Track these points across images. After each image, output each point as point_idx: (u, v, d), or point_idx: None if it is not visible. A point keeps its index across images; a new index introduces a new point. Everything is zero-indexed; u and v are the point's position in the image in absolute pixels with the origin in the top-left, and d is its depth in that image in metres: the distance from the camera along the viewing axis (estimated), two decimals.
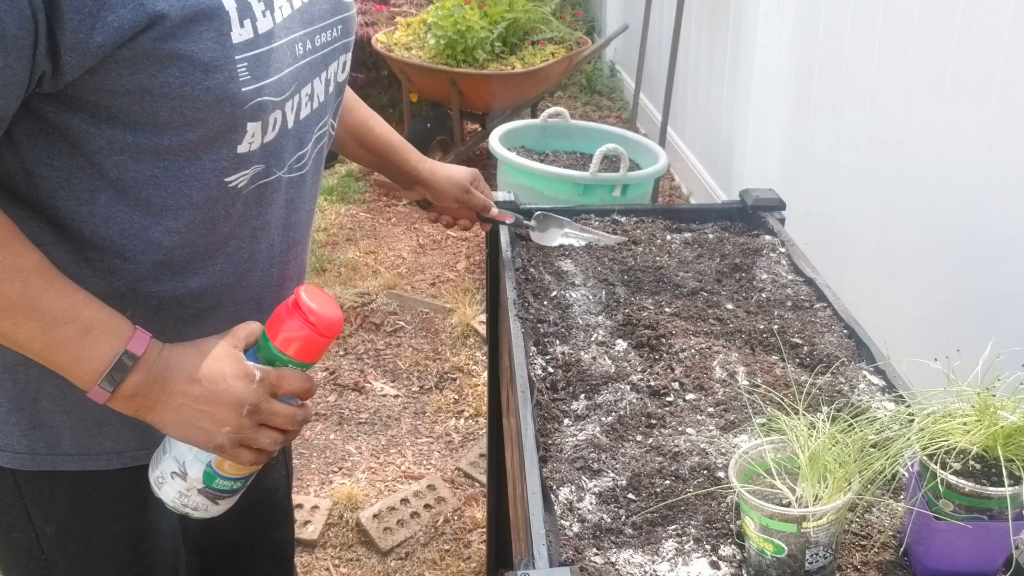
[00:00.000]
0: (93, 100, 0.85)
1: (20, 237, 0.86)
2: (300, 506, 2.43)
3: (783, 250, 1.58)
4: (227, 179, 0.95)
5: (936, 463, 0.84)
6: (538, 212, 1.63)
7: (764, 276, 1.50)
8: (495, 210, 1.55)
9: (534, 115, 4.32)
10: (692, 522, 0.97)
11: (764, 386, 1.19)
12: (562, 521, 0.97)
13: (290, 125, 0.99)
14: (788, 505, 0.86)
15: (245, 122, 0.91)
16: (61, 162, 0.88)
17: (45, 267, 0.87)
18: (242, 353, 0.94)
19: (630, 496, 1.01)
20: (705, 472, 1.05)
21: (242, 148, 0.93)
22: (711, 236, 1.64)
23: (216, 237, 0.99)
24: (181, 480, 0.97)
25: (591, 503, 1.00)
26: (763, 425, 0.95)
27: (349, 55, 1.12)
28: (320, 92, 1.04)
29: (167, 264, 0.97)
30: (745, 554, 0.92)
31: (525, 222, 1.60)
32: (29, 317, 0.85)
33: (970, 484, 0.82)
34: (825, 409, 0.98)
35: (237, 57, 0.86)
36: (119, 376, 0.88)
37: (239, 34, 0.86)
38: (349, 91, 1.37)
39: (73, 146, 0.88)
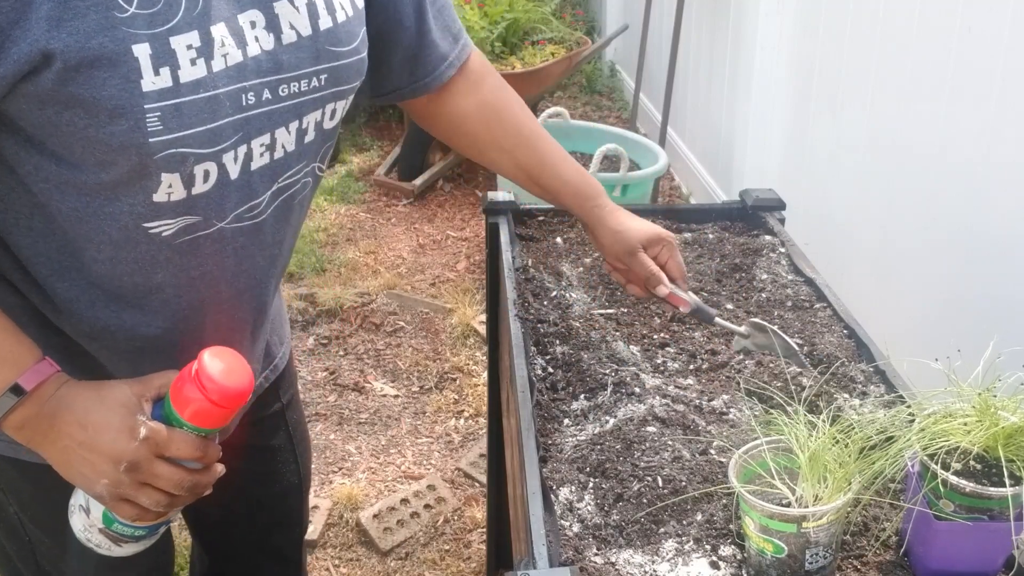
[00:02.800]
0: (20, 126, 0.84)
1: None
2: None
3: (783, 250, 1.58)
4: (146, 225, 0.91)
5: (937, 463, 0.84)
6: (754, 320, 1.29)
7: (764, 276, 1.50)
8: (664, 289, 1.25)
9: (534, 115, 4.32)
10: (692, 522, 0.97)
11: (764, 386, 1.19)
12: (562, 521, 0.97)
13: (234, 176, 0.94)
14: (788, 505, 0.86)
15: (158, 172, 0.87)
16: (0, 178, 0.88)
17: None
18: (147, 404, 0.91)
19: (630, 496, 1.01)
20: (705, 472, 1.05)
21: (159, 197, 0.89)
22: (711, 236, 1.64)
23: (147, 280, 0.96)
24: (85, 516, 0.96)
25: (591, 503, 1.00)
26: (763, 425, 0.95)
27: (343, 103, 1.04)
28: (287, 142, 0.98)
29: (100, 289, 0.96)
30: (745, 554, 0.92)
31: (718, 318, 1.27)
32: None
33: (971, 484, 0.82)
34: (825, 409, 0.98)
35: (147, 106, 0.83)
36: (4, 408, 0.87)
37: (152, 82, 0.82)
38: (520, 122, 1.29)
39: (7, 165, 0.88)
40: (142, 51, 0.81)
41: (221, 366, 0.90)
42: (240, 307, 1.07)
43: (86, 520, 0.96)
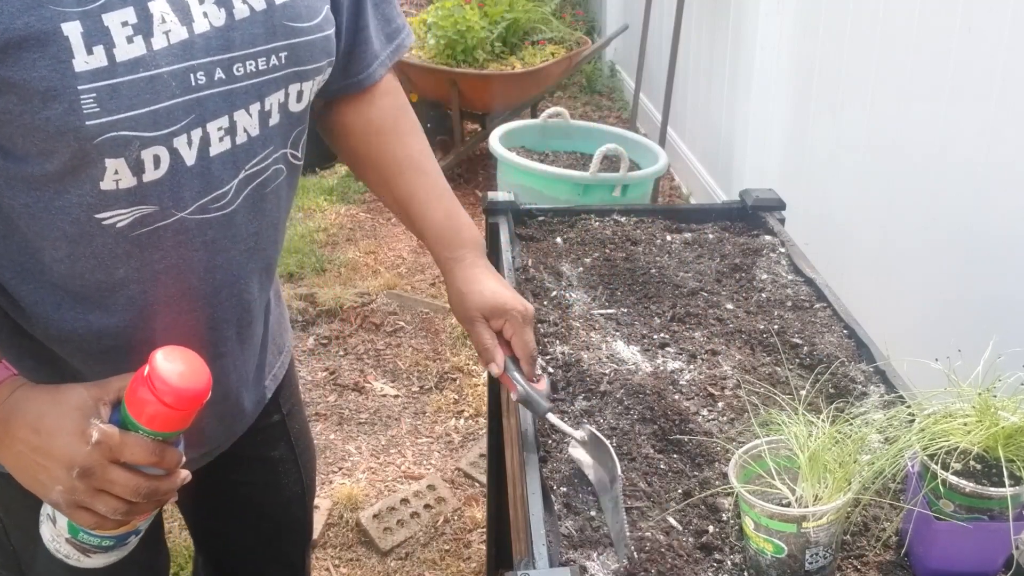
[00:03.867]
0: None
1: None
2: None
3: (783, 250, 1.58)
4: (98, 216, 0.88)
5: (937, 463, 0.84)
6: (594, 433, 1.05)
7: (764, 276, 1.50)
8: (496, 368, 1.09)
9: (534, 115, 4.32)
10: (692, 522, 0.97)
11: (764, 386, 1.19)
12: (562, 521, 0.97)
13: (190, 163, 0.89)
14: (788, 505, 0.86)
15: (100, 157, 0.83)
16: None
17: None
18: (105, 408, 0.87)
19: (631, 496, 1.00)
20: (705, 472, 1.05)
21: (106, 185, 0.85)
22: (711, 236, 1.64)
23: (108, 277, 0.93)
24: (52, 525, 0.93)
25: (591, 503, 1.00)
26: (763, 425, 0.95)
27: (308, 84, 0.99)
28: (250, 125, 0.93)
29: (64, 291, 0.93)
30: (745, 554, 0.92)
31: (550, 415, 1.08)
32: None
33: (971, 484, 0.82)
34: (825, 409, 0.98)
35: (80, 87, 0.79)
36: None
37: (84, 62, 0.78)
38: (418, 157, 1.17)
39: None
40: (72, 29, 0.78)
41: (174, 367, 0.85)
42: (219, 305, 1.02)
43: (53, 530, 0.93)
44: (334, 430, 2.78)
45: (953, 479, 0.83)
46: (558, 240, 1.63)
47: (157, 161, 0.87)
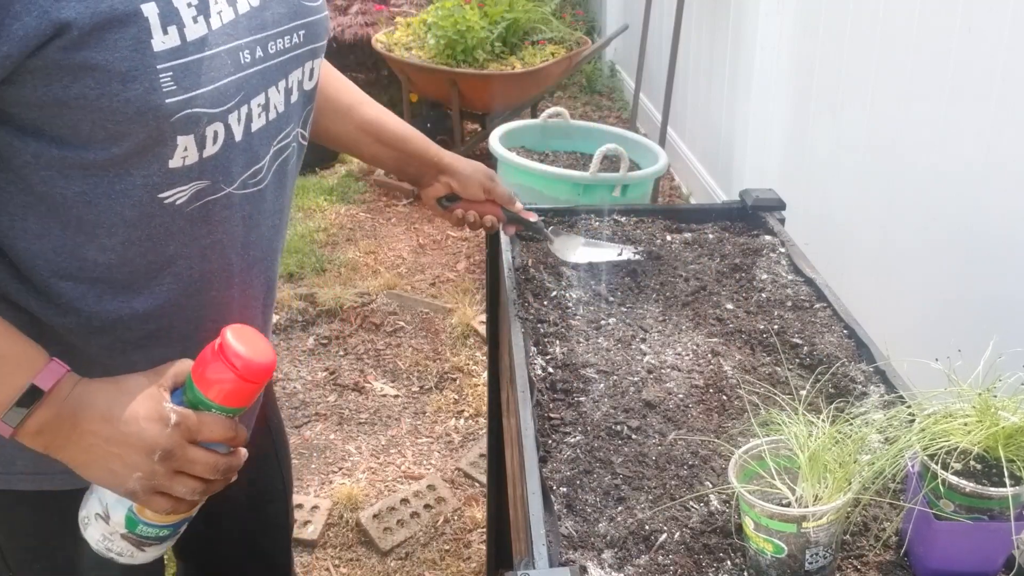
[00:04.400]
0: (15, 112, 0.81)
1: None
2: (300, 506, 2.43)
3: (783, 250, 1.58)
4: (161, 195, 0.89)
5: (937, 463, 0.84)
6: (553, 227, 1.54)
7: (764, 276, 1.50)
8: (520, 204, 1.45)
9: (534, 115, 4.32)
10: (692, 522, 0.97)
11: (764, 386, 1.19)
12: (562, 521, 0.97)
13: (238, 138, 0.93)
14: (788, 505, 0.86)
15: (174, 135, 0.85)
16: None
17: None
18: (166, 393, 0.88)
19: (630, 496, 1.01)
20: (705, 472, 1.05)
21: (174, 163, 0.88)
22: (711, 236, 1.64)
23: (159, 256, 0.94)
24: (104, 523, 0.92)
25: (591, 503, 1.00)
26: (763, 425, 0.95)
27: (317, 62, 1.06)
28: (278, 102, 0.98)
29: (107, 282, 0.93)
30: (745, 554, 0.92)
31: (545, 229, 1.50)
32: None
33: (971, 484, 0.82)
34: (825, 409, 0.98)
35: (159, 66, 0.81)
36: (23, 411, 0.83)
37: (162, 42, 0.81)
38: (355, 89, 1.33)
39: (0, 161, 0.84)
40: (150, 10, 0.80)
41: (245, 341, 0.89)
42: (251, 281, 1.05)
43: (105, 528, 0.92)
44: (334, 430, 2.78)
45: (953, 479, 0.83)
46: None
47: (216, 137, 0.90)
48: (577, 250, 1.53)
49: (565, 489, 1.01)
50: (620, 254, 1.53)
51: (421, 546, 2.34)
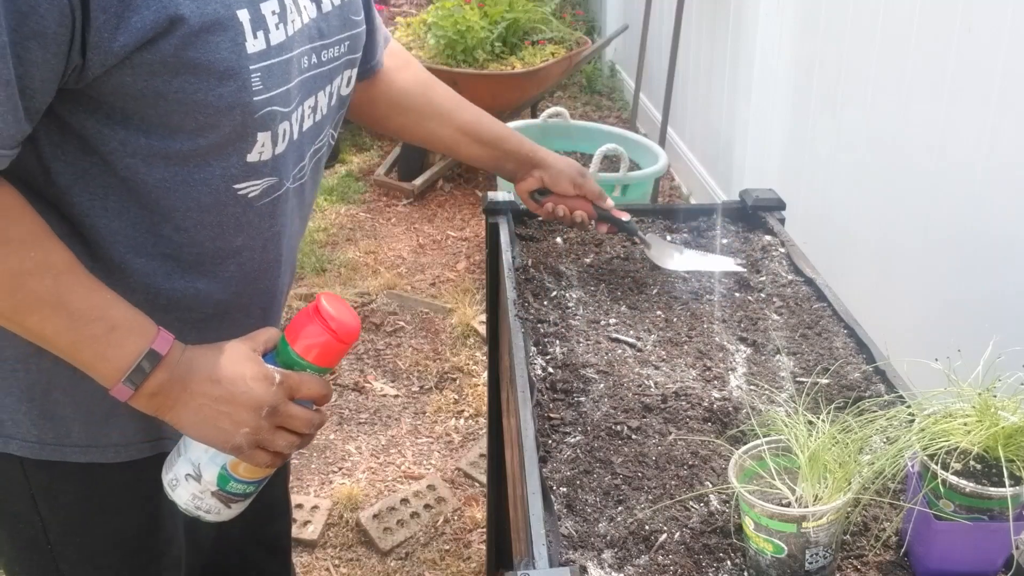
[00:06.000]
0: (109, 101, 0.86)
1: (50, 234, 0.88)
2: (300, 506, 2.43)
3: (783, 250, 1.58)
4: (236, 186, 0.97)
5: (937, 463, 0.84)
6: (651, 234, 1.52)
7: (764, 276, 1.50)
8: (610, 202, 1.48)
9: (534, 115, 4.32)
10: (692, 522, 0.97)
11: (764, 386, 1.19)
12: (562, 521, 0.97)
13: (295, 137, 1.01)
14: (788, 505, 0.86)
15: (255, 131, 0.93)
16: (75, 159, 0.90)
17: (74, 264, 0.88)
18: (260, 357, 0.96)
19: (630, 496, 1.01)
20: (705, 472, 1.05)
21: (252, 157, 0.95)
22: (711, 236, 1.64)
23: (227, 244, 1.01)
24: (196, 482, 0.98)
25: (591, 503, 1.00)
26: (763, 425, 0.95)
27: (354, 71, 1.14)
28: (323, 105, 1.06)
29: (177, 261, 0.99)
30: (745, 554, 0.92)
31: (639, 233, 1.50)
32: (57, 314, 0.86)
33: (971, 484, 0.82)
34: (825, 409, 0.98)
35: (251, 67, 0.89)
36: (142, 375, 0.89)
37: (253, 45, 0.89)
38: (453, 93, 1.40)
39: (87, 145, 0.89)
40: (244, 16, 0.88)
41: (337, 305, 0.97)
42: (284, 273, 1.13)
43: (197, 487, 0.98)
44: (334, 430, 2.78)
45: (953, 479, 0.83)
46: (558, 240, 1.63)
47: (284, 135, 0.98)
48: (674, 257, 1.51)
49: (565, 489, 1.01)
50: (736, 263, 1.51)
51: (421, 546, 2.34)
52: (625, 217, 1.48)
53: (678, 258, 1.51)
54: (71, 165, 0.90)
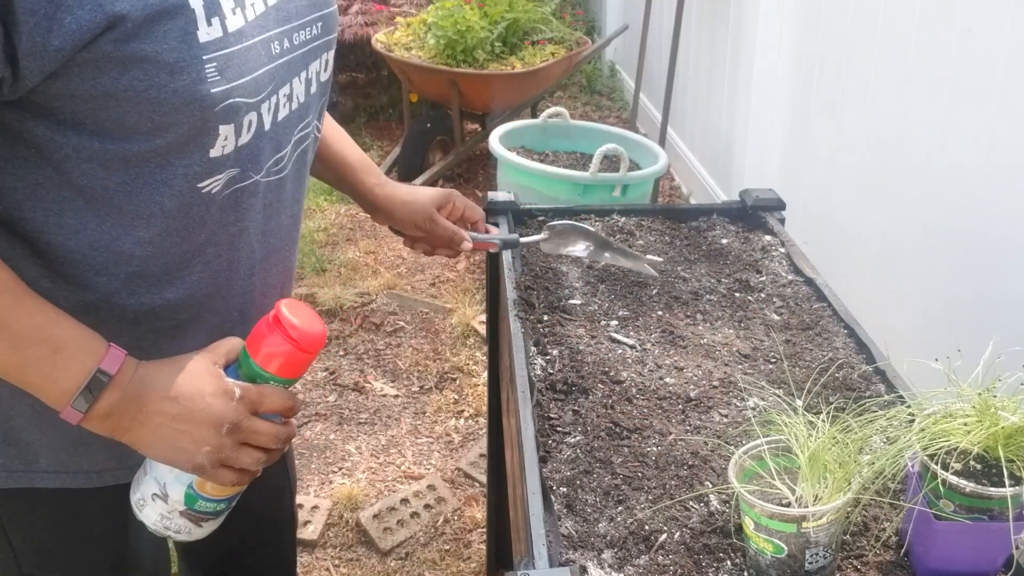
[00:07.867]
0: (57, 106, 0.81)
1: None
2: (300, 506, 2.43)
3: (783, 250, 1.58)
4: (200, 184, 0.91)
5: (937, 463, 0.84)
6: (556, 224, 1.43)
7: (764, 276, 1.50)
8: (469, 244, 1.37)
9: (534, 115, 4.32)
10: (692, 522, 0.97)
11: (764, 386, 1.19)
12: (562, 521, 0.97)
13: (267, 127, 0.96)
14: (788, 505, 0.86)
15: (216, 125, 0.87)
16: (27, 172, 0.85)
17: (14, 285, 0.84)
18: (222, 370, 0.91)
19: (630, 496, 1.01)
20: (705, 472, 1.05)
21: (215, 152, 0.90)
22: (711, 236, 1.64)
23: (191, 245, 0.96)
24: (162, 502, 0.94)
25: (591, 503, 1.00)
26: (763, 425, 0.95)
27: (331, 53, 1.08)
28: (300, 92, 1.01)
29: (141, 275, 0.94)
30: (745, 554, 0.92)
31: (523, 239, 1.43)
32: None
33: (971, 484, 0.82)
34: (825, 409, 0.98)
35: (205, 57, 0.83)
36: (92, 396, 0.85)
37: (206, 33, 0.83)
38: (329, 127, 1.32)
39: (39, 155, 0.84)
40: (196, 2, 0.82)
41: (298, 313, 0.93)
42: (271, 270, 1.08)
43: (164, 507, 0.94)
44: (334, 430, 2.78)
45: (953, 479, 0.83)
46: None
47: (250, 126, 0.92)
48: (578, 248, 1.45)
49: (565, 489, 1.01)
50: (656, 267, 1.46)
51: (421, 546, 2.34)
52: (494, 248, 1.41)
53: (583, 250, 1.44)
54: (22, 179, 0.85)
